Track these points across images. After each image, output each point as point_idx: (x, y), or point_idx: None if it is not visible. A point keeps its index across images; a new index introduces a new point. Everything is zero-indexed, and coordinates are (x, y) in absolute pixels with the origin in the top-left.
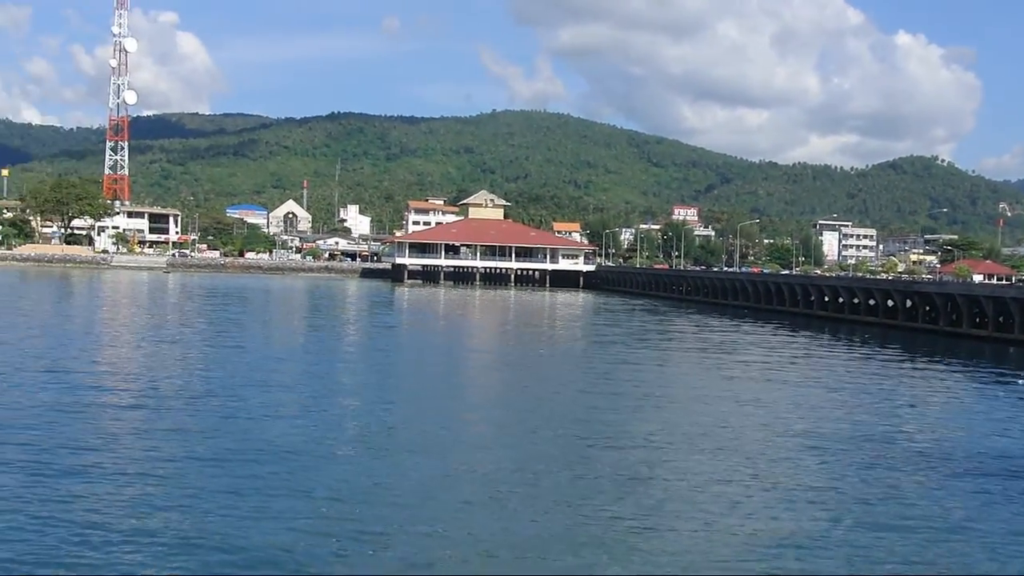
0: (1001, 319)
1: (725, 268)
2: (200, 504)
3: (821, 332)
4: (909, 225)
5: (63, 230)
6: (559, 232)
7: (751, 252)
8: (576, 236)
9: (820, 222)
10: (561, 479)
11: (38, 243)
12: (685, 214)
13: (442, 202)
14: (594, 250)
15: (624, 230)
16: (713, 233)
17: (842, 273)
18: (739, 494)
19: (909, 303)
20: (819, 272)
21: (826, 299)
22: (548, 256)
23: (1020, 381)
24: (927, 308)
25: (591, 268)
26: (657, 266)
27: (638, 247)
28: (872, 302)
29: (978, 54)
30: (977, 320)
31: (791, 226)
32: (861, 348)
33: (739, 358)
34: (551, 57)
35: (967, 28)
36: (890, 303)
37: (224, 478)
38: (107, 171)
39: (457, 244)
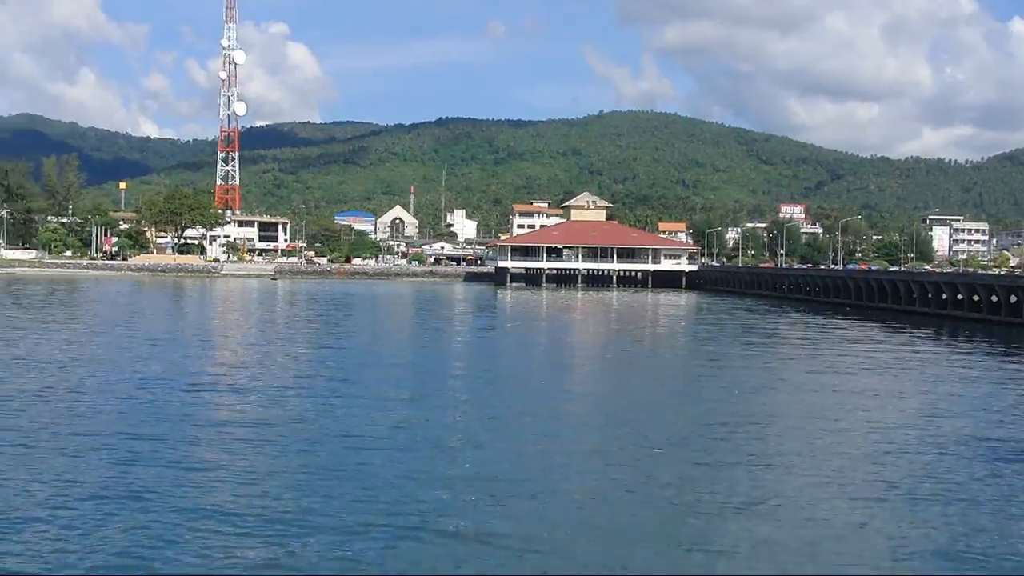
0: None
1: (832, 266)
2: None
3: (923, 329)
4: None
5: (176, 240)
6: (664, 232)
7: (859, 249)
8: (681, 236)
9: (930, 217)
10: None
11: (152, 253)
12: (792, 212)
13: (546, 205)
14: (697, 250)
15: (730, 229)
16: (820, 230)
17: (951, 269)
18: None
19: (1014, 298)
20: (928, 268)
21: (929, 295)
22: (650, 257)
23: None
24: None
25: (694, 268)
26: (762, 265)
27: (743, 246)
28: (976, 298)
29: None
30: None
31: (902, 222)
32: (962, 345)
33: (831, 355)
34: (657, 56)
35: None
36: (994, 299)
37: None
38: (219, 181)
39: (559, 246)
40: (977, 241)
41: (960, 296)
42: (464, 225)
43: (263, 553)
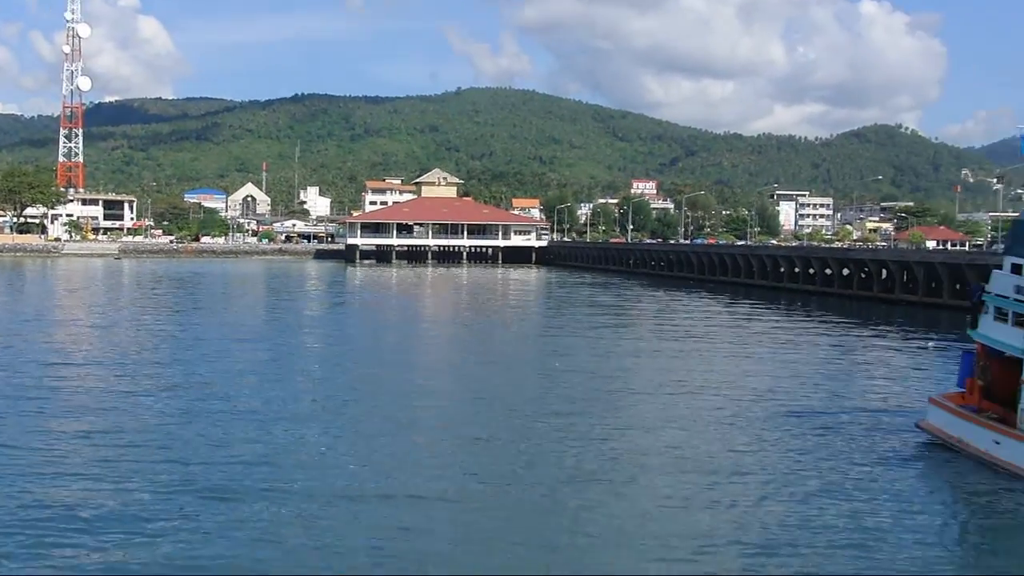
0: (933, 284)
1: (681, 240)
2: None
3: (760, 300)
4: (872, 193)
5: (16, 219)
6: (518, 209)
7: (708, 224)
8: (535, 212)
9: (777, 192)
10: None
11: None
12: (643, 188)
13: (399, 182)
14: (548, 226)
15: (582, 205)
16: (672, 206)
17: (795, 243)
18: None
19: (846, 271)
20: (773, 242)
21: (767, 269)
22: (501, 233)
23: (930, 344)
24: (862, 275)
25: (544, 244)
26: (613, 240)
27: (594, 222)
28: (811, 271)
29: (944, 19)
30: (909, 285)
31: (752, 197)
32: (795, 316)
33: (663, 327)
34: (516, 33)
35: None
36: (828, 271)
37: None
38: (61, 159)
39: (410, 223)
40: (822, 216)
41: (797, 269)
42: (317, 202)
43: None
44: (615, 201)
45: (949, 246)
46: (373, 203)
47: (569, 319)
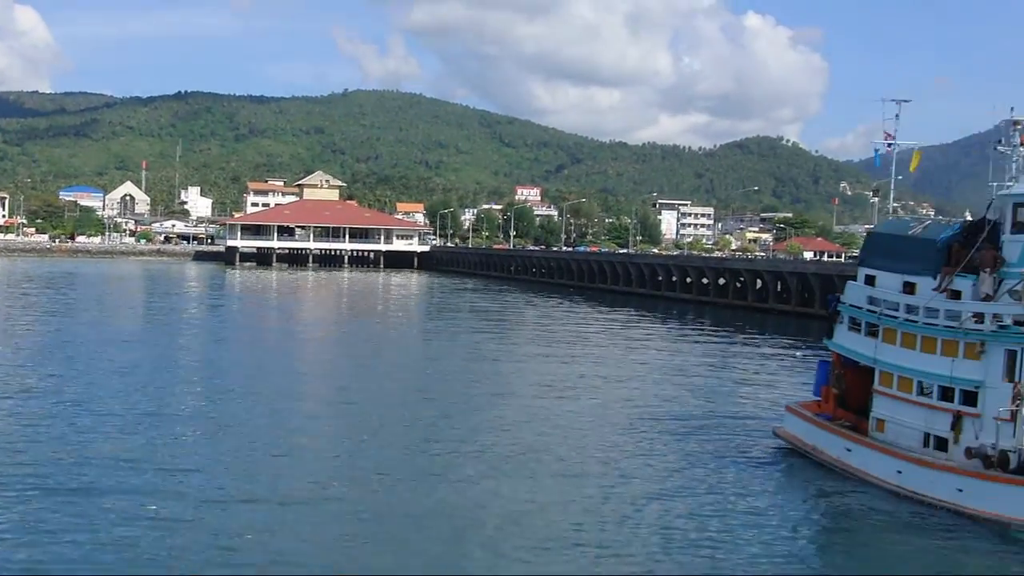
0: (806, 294)
1: (564, 247)
2: None
3: (638, 308)
4: (753, 204)
5: None
6: (402, 213)
7: (590, 231)
8: (419, 217)
9: (660, 201)
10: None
11: None
12: (528, 194)
13: (282, 183)
14: (431, 231)
15: (466, 210)
16: (556, 213)
17: (676, 252)
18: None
19: (722, 280)
20: (655, 251)
21: (646, 277)
22: (383, 237)
23: (798, 353)
24: (738, 284)
25: (426, 249)
26: (496, 246)
27: (477, 228)
28: (689, 279)
29: (825, 35)
30: (783, 295)
31: (636, 205)
32: (670, 324)
33: (543, 333)
34: (405, 36)
35: (815, 9)
36: (704, 280)
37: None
38: None
39: (291, 226)
40: (703, 225)
41: (675, 278)
42: (198, 203)
43: None
44: (499, 207)
45: (826, 257)
46: (255, 205)
47: (445, 324)
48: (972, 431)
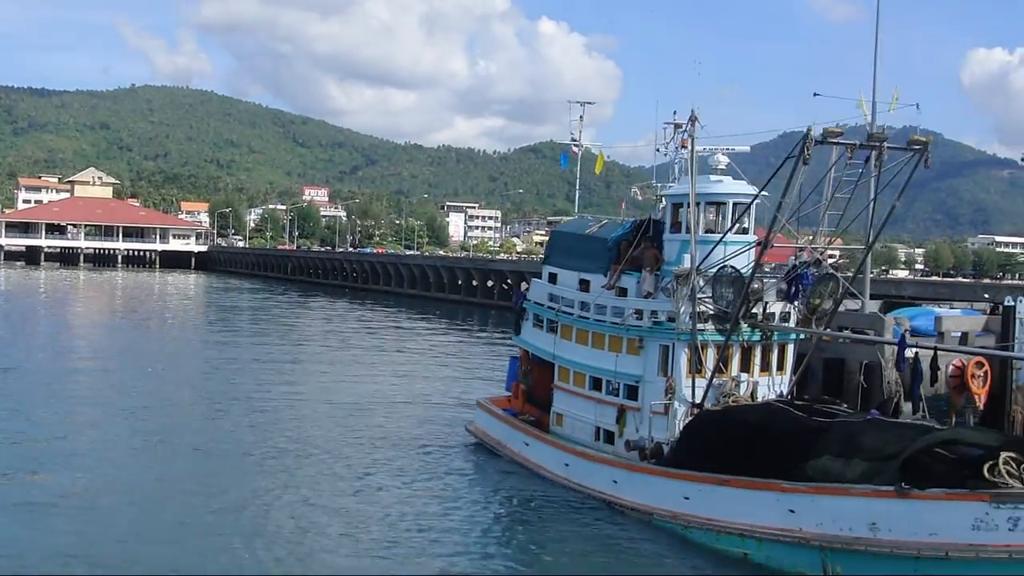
0: None
1: (349, 249)
2: None
3: (405, 308)
4: (546, 207)
5: None
6: (186, 212)
7: (378, 233)
8: (203, 217)
9: (448, 204)
10: None
11: None
12: (314, 194)
13: (56, 180)
14: (210, 231)
15: (252, 210)
16: (343, 214)
17: (462, 254)
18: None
19: (490, 282)
20: (442, 253)
21: (416, 278)
22: (159, 236)
23: None
24: (504, 286)
25: (204, 249)
26: (280, 247)
27: (261, 228)
28: (459, 281)
29: (619, 43)
30: None
31: (429, 207)
32: (432, 321)
33: (290, 334)
34: (195, 31)
35: (608, 17)
36: (474, 282)
37: None
38: None
39: (63, 224)
40: (490, 228)
41: (445, 279)
42: None
43: None
44: (283, 207)
45: None
46: (27, 201)
47: (197, 324)
48: (634, 424)
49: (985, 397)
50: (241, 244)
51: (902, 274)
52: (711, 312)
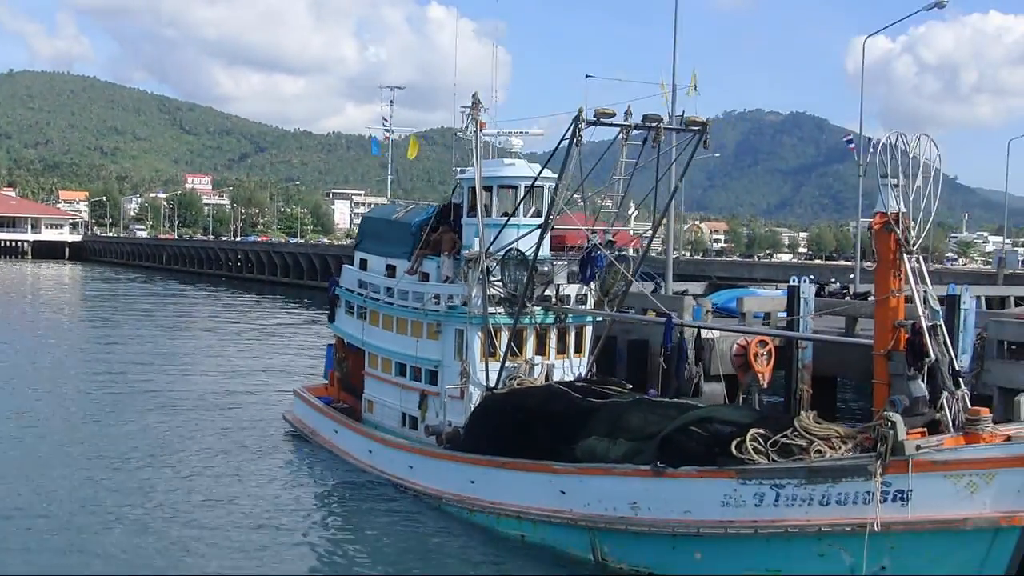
0: None
1: (233, 238)
2: None
3: (277, 296)
4: (436, 194)
5: None
6: (65, 202)
7: (262, 221)
8: (82, 206)
9: (333, 191)
10: None
11: None
12: (197, 183)
13: None
14: (86, 220)
15: (133, 199)
16: (228, 202)
17: (348, 241)
18: None
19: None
20: (327, 240)
21: (289, 265)
22: (31, 226)
23: None
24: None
25: (78, 238)
26: (162, 236)
27: (141, 216)
28: (332, 268)
29: (509, 28)
30: None
31: (315, 195)
32: (292, 310)
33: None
34: (76, 14)
35: (498, 3)
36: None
37: None
38: None
39: None
40: None
41: (317, 267)
42: None
43: None
44: (164, 196)
45: None
46: None
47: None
48: (435, 409)
49: (769, 375)
50: (144, 234)
51: (786, 258)
52: (501, 295)
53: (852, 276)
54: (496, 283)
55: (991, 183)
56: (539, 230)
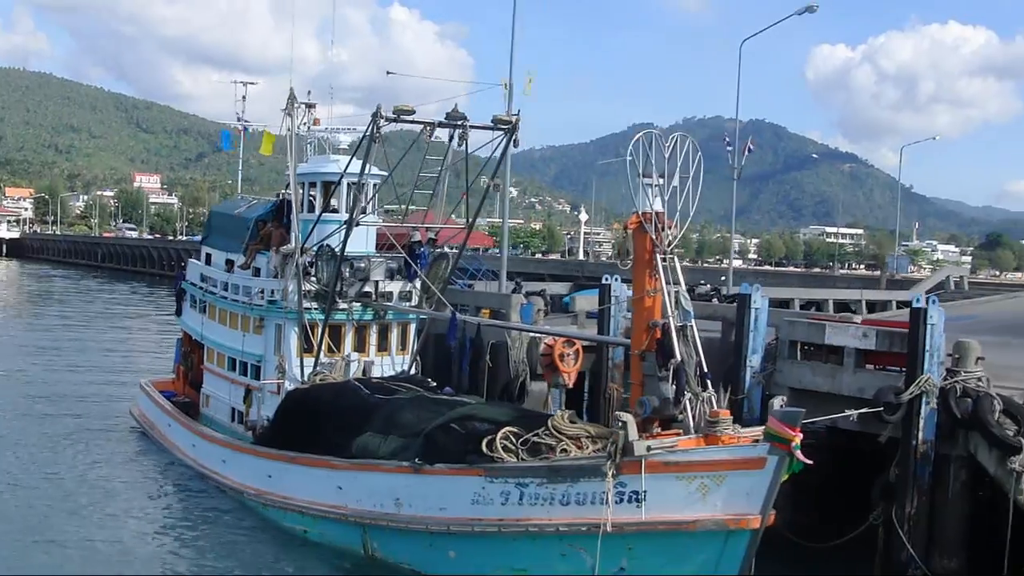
0: None
1: (181, 237)
2: None
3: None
4: (392, 195)
5: None
6: (10, 198)
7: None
8: (27, 203)
9: (282, 192)
10: None
11: None
12: (145, 181)
13: None
14: (26, 218)
15: (80, 197)
16: (176, 201)
17: None
18: None
19: None
20: None
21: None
22: None
23: None
24: None
25: (15, 236)
26: (107, 234)
27: (87, 215)
28: None
29: (472, 32)
30: None
31: (270, 195)
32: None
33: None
34: (32, 9)
35: (460, 5)
36: None
37: None
38: None
39: None
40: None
41: None
42: None
43: None
44: (111, 193)
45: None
46: None
47: None
48: (258, 404)
49: (575, 375)
50: (134, 235)
51: (736, 263)
52: (315, 291)
53: (723, 278)
54: (311, 279)
55: (947, 192)
56: (340, 226)
